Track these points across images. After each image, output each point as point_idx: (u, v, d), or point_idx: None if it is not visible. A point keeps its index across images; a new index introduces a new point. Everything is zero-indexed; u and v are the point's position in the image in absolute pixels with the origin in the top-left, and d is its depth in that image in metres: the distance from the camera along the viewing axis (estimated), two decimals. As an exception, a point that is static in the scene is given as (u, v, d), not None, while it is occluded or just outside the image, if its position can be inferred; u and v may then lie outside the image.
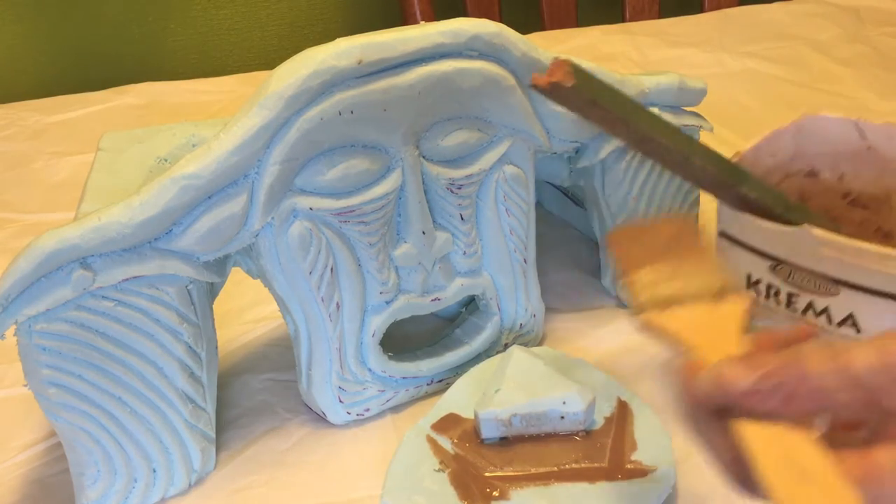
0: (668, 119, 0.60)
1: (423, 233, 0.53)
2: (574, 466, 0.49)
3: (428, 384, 0.58)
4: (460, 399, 0.54)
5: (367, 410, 0.56)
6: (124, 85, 1.04)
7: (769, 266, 0.52)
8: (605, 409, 0.52)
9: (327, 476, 0.53)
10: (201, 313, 0.50)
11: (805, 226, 0.50)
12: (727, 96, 0.92)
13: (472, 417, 0.52)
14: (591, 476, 0.48)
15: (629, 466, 0.49)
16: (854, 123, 0.59)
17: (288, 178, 0.48)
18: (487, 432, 0.51)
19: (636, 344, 0.60)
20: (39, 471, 0.54)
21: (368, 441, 0.55)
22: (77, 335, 0.46)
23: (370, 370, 0.55)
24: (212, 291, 0.52)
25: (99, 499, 0.50)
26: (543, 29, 1.20)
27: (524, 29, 0.55)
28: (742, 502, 0.37)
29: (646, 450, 0.50)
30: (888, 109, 0.90)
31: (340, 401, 0.55)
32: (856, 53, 1.05)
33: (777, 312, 0.53)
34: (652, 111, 0.49)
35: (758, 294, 0.54)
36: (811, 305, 0.52)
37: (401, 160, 0.50)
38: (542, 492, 0.48)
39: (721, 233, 0.55)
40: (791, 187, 0.61)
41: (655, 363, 0.58)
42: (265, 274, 0.51)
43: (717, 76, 0.79)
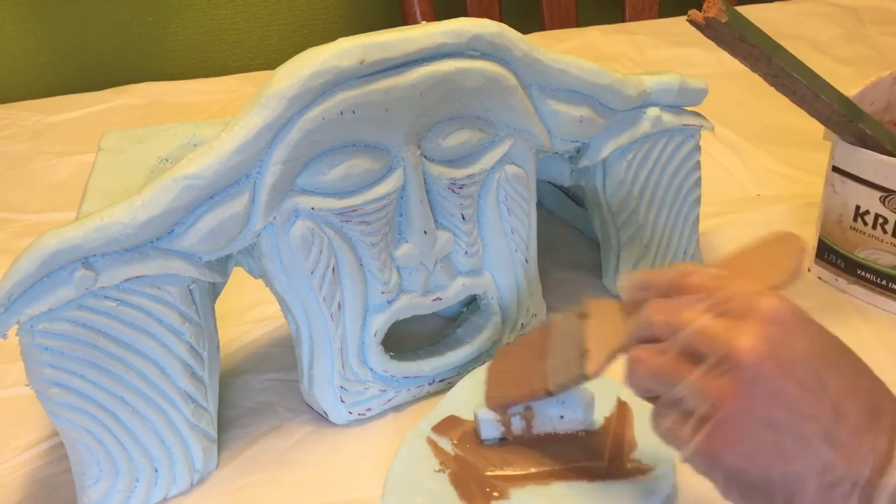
0: (672, 118, 0.60)
1: (425, 232, 0.53)
2: (574, 466, 0.49)
3: (429, 384, 0.58)
4: (461, 401, 0.54)
5: (369, 410, 0.56)
6: (124, 85, 1.04)
7: (880, 197, 0.60)
8: (605, 409, 0.52)
9: (329, 475, 0.53)
10: (203, 313, 0.50)
11: None
12: (728, 96, 0.92)
13: (473, 419, 0.52)
14: (591, 475, 0.48)
15: (629, 466, 0.49)
16: None
17: (290, 178, 0.48)
18: (487, 433, 0.51)
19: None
20: (41, 470, 0.54)
21: (370, 441, 0.55)
22: (79, 335, 0.46)
23: (372, 370, 0.55)
24: (213, 291, 0.52)
25: (101, 498, 0.50)
26: (543, 29, 1.20)
27: (524, 29, 0.55)
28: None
29: (645, 449, 0.50)
30: (888, 109, 0.90)
31: (342, 400, 0.55)
32: (856, 53, 1.06)
33: (883, 241, 0.62)
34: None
35: (865, 224, 0.62)
36: None
37: (402, 160, 0.50)
38: (542, 491, 0.48)
39: (834, 168, 0.63)
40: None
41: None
42: (267, 274, 0.51)
43: (718, 76, 0.79)
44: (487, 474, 0.49)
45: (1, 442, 0.56)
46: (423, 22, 0.55)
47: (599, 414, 0.52)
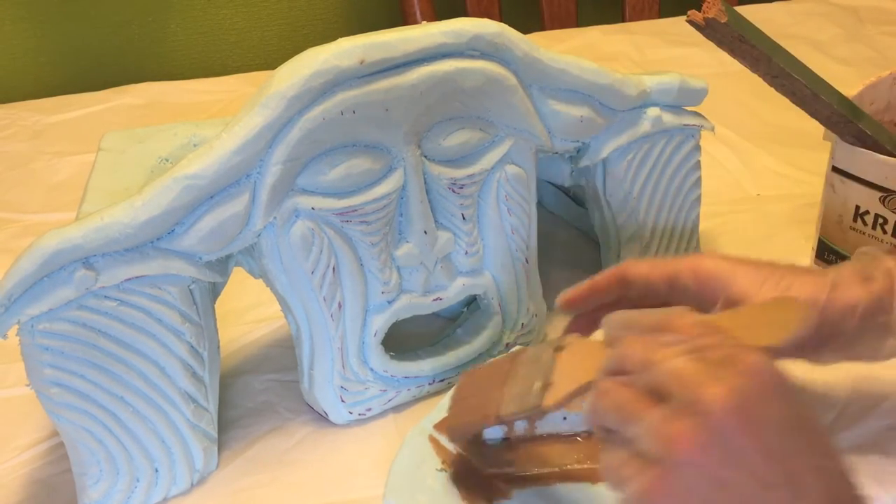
0: (672, 118, 0.60)
1: (425, 232, 0.53)
2: (576, 467, 0.49)
3: (430, 384, 0.58)
4: None
5: (369, 410, 0.56)
6: (124, 85, 1.04)
7: (880, 197, 0.60)
8: None
9: (329, 476, 0.53)
10: (203, 313, 0.50)
11: None
12: (728, 96, 0.92)
13: None
14: (594, 477, 0.48)
15: None
16: None
17: (290, 178, 0.48)
18: (490, 433, 0.51)
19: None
20: (42, 470, 0.54)
21: (370, 441, 0.55)
22: (79, 335, 0.46)
23: (372, 370, 0.55)
24: (214, 291, 0.52)
25: (101, 498, 0.50)
26: (543, 29, 1.19)
27: (524, 29, 0.55)
28: None
29: None
30: (888, 109, 0.90)
31: (342, 400, 0.55)
32: (856, 53, 1.06)
33: (882, 241, 0.62)
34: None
35: (864, 224, 0.62)
36: None
37: (402, 160, 0.50)
38: (544, 492, 0.48)
39: (834, 168, 0.63)
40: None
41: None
42: (267, 274, 0.51)
43: (718, 76, 0.79)
44: (489, 473, 0.49)
45: (1, 442, 0.56)
46: (424, 22, 0.55)
47: None
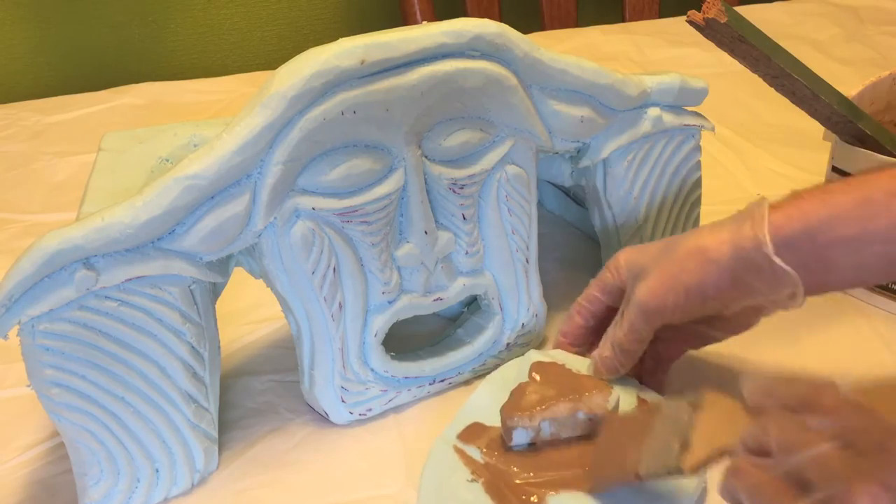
0: (672, 118, 0.60)
1: (426, 232, 0.53)
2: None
3: (430, 384, 0.58)
4: (483, 406, 0.52)
5: (370, 410, 0.56)
6: (124, 85, 1.04)
7: None
8: (627, 407, 0.51)
9: (330, 476, 0.53)
10: (204, 313, 0.50)
11: None
12: (728, 96, 0.93)
13: (497, 425, 0.51)
14: None
15: None
16: None
17: (290, 178, 0.48)
18: (518, 439, 0.50)
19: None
20: (42, 471, 0.54)
21: (371, 441, 0.55)
22: (80, 335, 0.46)
23: (372, 370, 0.55)
24: (214, 291, 0.52)
25: (102, 499, 0.50)
26: (543, 29, 1.20)
27: (524, 29, 0.55)
28: None
29: None
30: (888, 109, 0.90)
31: (343, 401, 0.55)
32: (856, 53, 1.06)
33: None
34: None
35: None
36: None
37: (403, 160, 0.50)
38: (576, 496, 0.47)
39: (834, 168, 0.63)
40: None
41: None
42: (268, 274, 0.51)
43: (718, 76, 0.79)
44: (519, 481, 0.48)
45: (1, 442, 0.56)
46: (424, 22, 0.55)
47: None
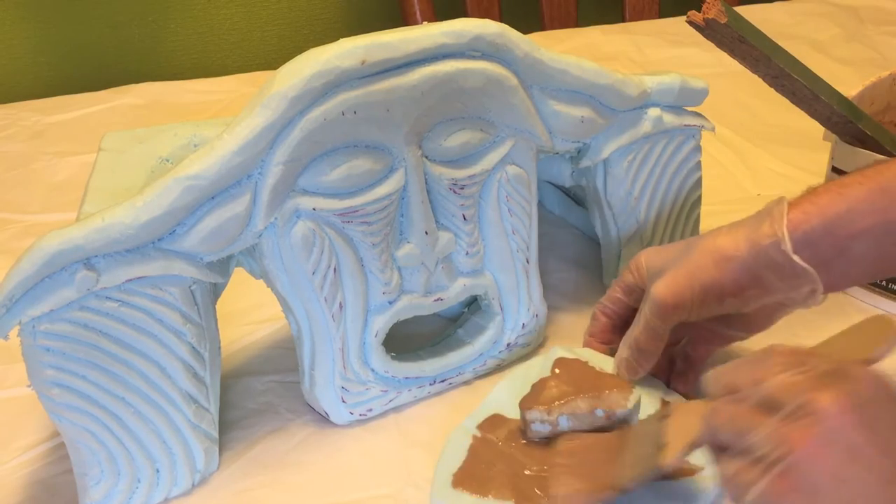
0: (673, 118, 0.60)
1: (426, 233, 0.53)
2: None
3: (431, 384, 0.58)
4: (503, 400, 0.53)
5: (370, 410, 0.56)
6: (124, 85, 1.04)
7: None
8: (649, 408, 0.52)
9: (330, 476, 0.53)
10: (204, 314, 0.50)
11: None
12: (729, 96, 0.93)
13: (516, 418, 0.51)
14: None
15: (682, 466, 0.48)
16: None
17: (291, 179, 0.48)
18: (536, 427, 0.50)
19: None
20: (43, 471, 0.54)
21: (371, 441, 0.55)
22: (80, 336, 0.46)
23: (373, 370, 0.55)
24: (215, 292, 0.52)
25: (102, 499, 0.50)
26: (543, 29, 1.20)
27: (524, 29, 0.55)
28: None
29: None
30: (888, 109, 0.90)
31: (343, 401, 0.55)
32: (855, 53, 1.06)
33: None
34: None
35: None
36: None
37: (403, 160, 0.50)
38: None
39: (834, 168, 0.63)
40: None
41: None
42: (268, 274, 0.51)
43: (718, 76, 0.79)
44: (531, 472, 0.49)
45: (2, 443, 0.56)
46: (424, 22, 0.55)
47: (644, 413, 0.51)
